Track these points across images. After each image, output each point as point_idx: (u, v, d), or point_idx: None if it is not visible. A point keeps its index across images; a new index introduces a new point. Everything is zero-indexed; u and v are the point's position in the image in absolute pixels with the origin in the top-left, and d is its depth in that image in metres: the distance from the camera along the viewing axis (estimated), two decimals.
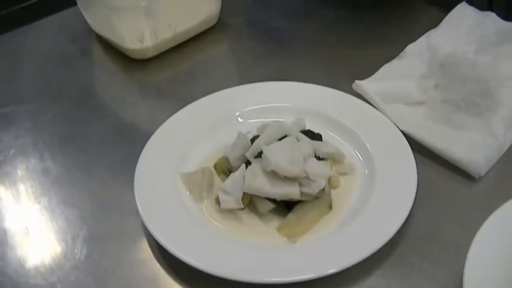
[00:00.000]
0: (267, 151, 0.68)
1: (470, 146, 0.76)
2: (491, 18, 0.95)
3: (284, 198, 0.69)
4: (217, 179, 0.74)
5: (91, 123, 0.86)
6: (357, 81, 0.83)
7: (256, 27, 1.02)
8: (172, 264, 0.66)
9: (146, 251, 0.69)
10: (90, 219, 0.73)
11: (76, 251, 0.69)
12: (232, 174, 0.70)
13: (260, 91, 0.84)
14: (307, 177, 0.68)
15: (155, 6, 0.89)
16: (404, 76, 0.87)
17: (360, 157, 0.76)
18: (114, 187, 0.76)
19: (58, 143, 0.83)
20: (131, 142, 0.81)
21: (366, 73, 0.87)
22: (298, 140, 0.73)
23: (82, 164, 0.80)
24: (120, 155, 0.80)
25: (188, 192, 0.73)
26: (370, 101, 0.81)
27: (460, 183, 0.75)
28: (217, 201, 0.70)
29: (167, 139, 0.78)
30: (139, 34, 0.91)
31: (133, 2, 0.89)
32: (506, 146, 0.78)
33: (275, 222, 0.69)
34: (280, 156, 0.68)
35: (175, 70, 0.94)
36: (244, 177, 0.69)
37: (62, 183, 0.78)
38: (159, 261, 0.68)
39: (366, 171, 0.74)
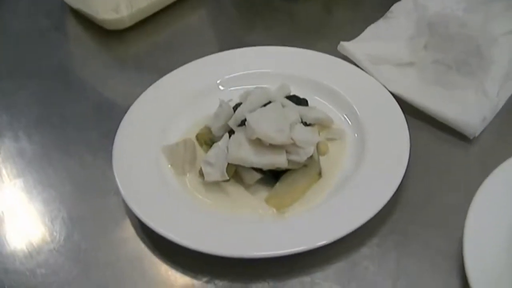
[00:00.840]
0: (251, 118, 0.65)
1: (464, 106, 0.72)
2: None
3: (271, 168, 0.65)
4: (200, 151, 0.71)
5: (68, 100, 0.82)
6: (342, 43, 0.80)
7: None
8: (157, 242, 0.63)
9: (128, 230, 0.65)
10: (69, 200, 0.69)
11: (55, 233, 0.66)
12: (215, 145, 0.67)
13: (241, 58, 0.81)
14: (294, 144, 0.65)
15: None
16: (391, 36, 0.83)
17: (349, 122, 0.73)
18: (93, 166, 0.73)
19: (34, 121, 0.80)
20: (110, 117, 0.77)
21: (350, 35, 0.83)
22: (283, 106, 0.69)
23: (59, 142, 0.77)
24: (99, 132, 0.76)
25: (170, 166, 0.69)
26: (357, 63, 0.78)
27: (455, 144, 0.71)
28: (201, 174, 0.67)
29: (145, 112, 0.74)
30: (113, 4, 0.87)
31: None
32: (500, 106, 0.75)
33: (263, 193, 0.66)
34: (265, 123, 0.65)
35: (153, 40, 0.90)
36: (227, 147, 0.66)
37: (39, 163, 0.74)
38: (142, 240, 0.64)
39: (356, 136, 0.71)
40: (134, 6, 0.88)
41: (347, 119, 0.73)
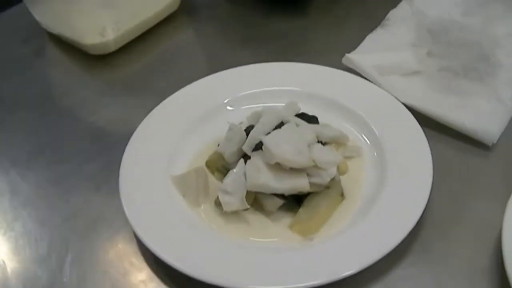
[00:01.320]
0: (268, 141, 0.61)
1: (479, 114, 0.70)
2: None
3: (293, 192, 0.62)
4: (211, 179, 0.67)
5: (59, 132, 0.77)
6: (347, 55, 0.77)
7: (222, 8, 0.95)
8: (178, 281, 0.59)
9: (145, 272, 0.61)
10: (76, 241, 0.64)
11: (65, 279, 0.61)
12: (231, 172, 0.63)
13: (246, 75, 0.77)
14: (316, 166, 0.61)
15: None
16: (393, 45, 0.81)
17: (365, 138, 0.70)
18: (97, 201, 0.68)
19: (25, 158, 0.74)
20: (108, 147, 0.73)
21: (349, 46, 0.81)
22: (297, 126, 0.66)
23: (56, 179, 0.71)
24: (98, 164, 0.72)
25: (182, 197, 0.65)
26: (364, 75, 0.75)
27: (474, 153, 0.69)
28: (217, 204, 0.63)
29: (149, 140, 0.70)
30: (99, 27, 0.82)
31: None
32: None
33: (285, 219, 0.63)
34: (284, 146, 0.61)
35: (141, 62, 0.86)
36: (245, 174, 0.62)
37: (36, 203, 0.69)
38: (163, 280, 0.60)
39: (374, 151, 0.68)
40: (120, 28, 0.83)
41: (363, 134, 0.70)
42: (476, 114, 0.70)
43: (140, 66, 0.85)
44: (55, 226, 0.66)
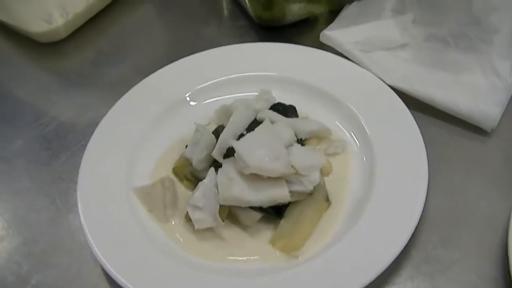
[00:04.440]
0: (240, 149, 0.53)
1: (475, 95, 0.63)
2: None
3: (272, 204, 0.54)
4: (180, 188, 0.59)
5: (8, 131, 0.69)
6: (324, 32, 0.68)
7: None
8: None
9: None
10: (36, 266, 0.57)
11: None
12: (201, 183, 0.55)
13: (208, 62, 0.68)
14: (296, 173, 0.54)
15: None
16: (373, 13, 0.72)
17: (350, 130, 0.62)
18: (56, 218, 0.60)
19: None
20: (63, 151, 0.65)
21: (324, 19, 0.72)
22: (272, 123, 0.58)
23: (5, 191, 0.63)
24: (52, 172, 0.64)
25: (148, 212, 0.57)
26: (345, 53, 0.67)
27: (471, 139, 0.62)
28: (188, 218, 0.56)
29: (106, 146, 0.62)
30: (45, 14, 0.72)
31: None
32: None
33: (266, 233, 0.56)
34: (258, 152, 0.54)
35: (94, 48, 0.77)
36: (216, 185, 0.54)
37: None
38: None
39: (361, 147, 0.60)
40: (69, 13, 0.74)
41: (347, 126, 0.62)
42: (471, 93, 0.63)
43: (93, 53, 0.76)
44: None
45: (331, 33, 0.68)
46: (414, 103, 0.63)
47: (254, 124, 0.58)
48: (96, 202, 0.57)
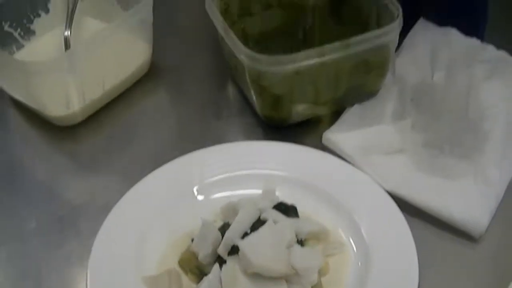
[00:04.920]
0: (245, 248, 0.57)
1: (467, 201, 0.67)
2: (454, 36, 0.86)
3: None
4: (185, 280, 0.62)
5: (21, 216, 0.71)
6: (327, 134, 0.73)
7: (191, 69, 0.89)
8: None
9: None
10: None
11: None
12: (205, 278, 0.59)
13: (216, 157, 0.73)
14: (296, 273, 0.58)
15: (81, 64, 0.75)
16: (374, 117, 0.77)
17: (347, 231, 0.66)
18: None
19: None
20: (75, 235, 0.68)
21: (327, 119, 0.77)
22: (274, 222, 0.62)
23: (15, 272, 0.66)
24: (64, 256, 0.66)
25: None
26: (345, 157, 0.71)
27: (461, 244, 0.66)
28: None
29: (116, 236, 0.65)
30: (64, 99, 0.77)
31: (55, 64, 0.75)
32: (503, 191, 0.69)
33: None
34: (261, 252, 0.57)
35: (108, 134, 0.80)
36: (220, 281, 0.58)
37: None
38: None
39: (355, 248, 0.64)
40: (86, 99, 0.78)
41: (345, 228, 0.66)
42: (464, 201, 0.67)
43: (106, 138, 0.80)
44: None
45: (333, 136, 0.72)
46: (408, 207, 0.67)
47: (258, 223, 0.61)
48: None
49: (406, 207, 0.67)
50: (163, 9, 0.87)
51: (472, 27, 0.88)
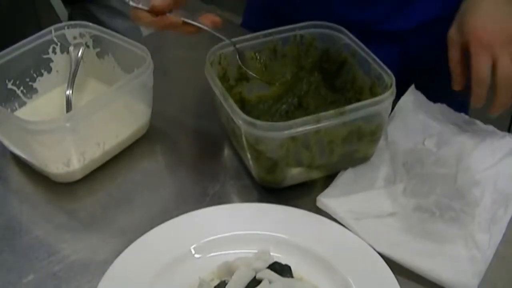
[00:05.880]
0: None
1: (456, 265, 0.69)
2: (444, 108, 0.90)
3: None
4: None
5: (20, 269, 0.72)
6: (321, 198, 0.75)
7: (189, 131, 0.92)
8: None
9: None
10: None
11: None
12: None
13: (213, 218, 0.74)
14: None
15: (82, 125, 0.78)
16: (367, 182, 0.79)
17: None
18: None
19: None
20: None
21: (321, 182, 0.79)
22: (270, 283, 0.63)
23: None
24: None
25: None
26: (339, 219, 0.73)
27: None
28: None
29: None
30: (64, 157, 0.79)
31: (57, 124, 0.77)
32: (492, 255, 0.71)
33: None
34: None
35: (106, 192, 0.82)
36: None
37: None
38: None
39: None
40: (86, 158, 0.80)
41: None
42: (453, 264, 0.69)
43: (104, 196, 0.81)
44: None
45: (326, 201, 0.74)
46: (399, 268, 0.69)
47: (253, 283, 0.63)
48: None
49: (398, 268, 0.68)
50: (162, 73, 0.90)
51: (461, 104, 0.91)
